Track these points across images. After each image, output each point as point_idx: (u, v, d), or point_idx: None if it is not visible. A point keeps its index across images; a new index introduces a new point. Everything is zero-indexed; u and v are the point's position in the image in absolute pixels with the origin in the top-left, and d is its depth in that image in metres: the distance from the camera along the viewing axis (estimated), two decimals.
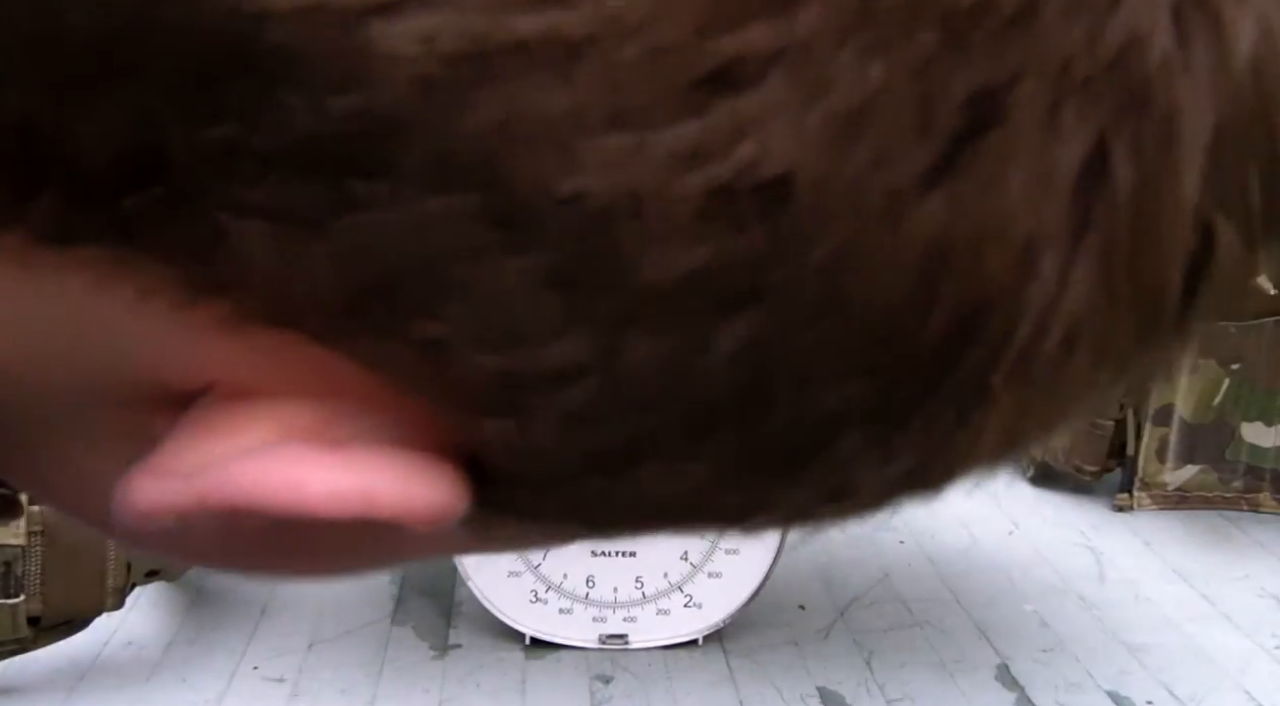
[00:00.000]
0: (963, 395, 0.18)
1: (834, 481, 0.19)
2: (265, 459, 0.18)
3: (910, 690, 1.19)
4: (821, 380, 0.17)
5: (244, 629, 1.24)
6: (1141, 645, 1.29)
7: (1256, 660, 1.29)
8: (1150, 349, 0.19)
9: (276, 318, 0.17)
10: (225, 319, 0.17)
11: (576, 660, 1.21)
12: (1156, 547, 1.54)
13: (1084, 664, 1.26)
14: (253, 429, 0.18)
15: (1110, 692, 1.21)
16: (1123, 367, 0.19)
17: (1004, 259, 0.16)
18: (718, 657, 1.22)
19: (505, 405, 0.18)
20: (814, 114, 0.15)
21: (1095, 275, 0.17)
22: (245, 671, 1.18)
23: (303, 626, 1.25)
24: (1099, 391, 0.19)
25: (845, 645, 1.26)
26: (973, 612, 1.34)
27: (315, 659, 1.20)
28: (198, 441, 0.18)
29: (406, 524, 0.18)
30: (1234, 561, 1.51)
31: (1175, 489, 1.63)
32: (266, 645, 1.22)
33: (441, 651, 1.22)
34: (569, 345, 0.16)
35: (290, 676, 1.17)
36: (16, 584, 1.19)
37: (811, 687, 1.18)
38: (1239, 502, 1.64)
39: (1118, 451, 1.63)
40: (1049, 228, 0.16)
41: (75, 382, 0.19)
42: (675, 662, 1.21)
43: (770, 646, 1.25)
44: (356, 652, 1.21)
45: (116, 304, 0.17)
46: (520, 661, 1.20)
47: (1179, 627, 1.34)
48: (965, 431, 0.18)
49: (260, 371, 0.18)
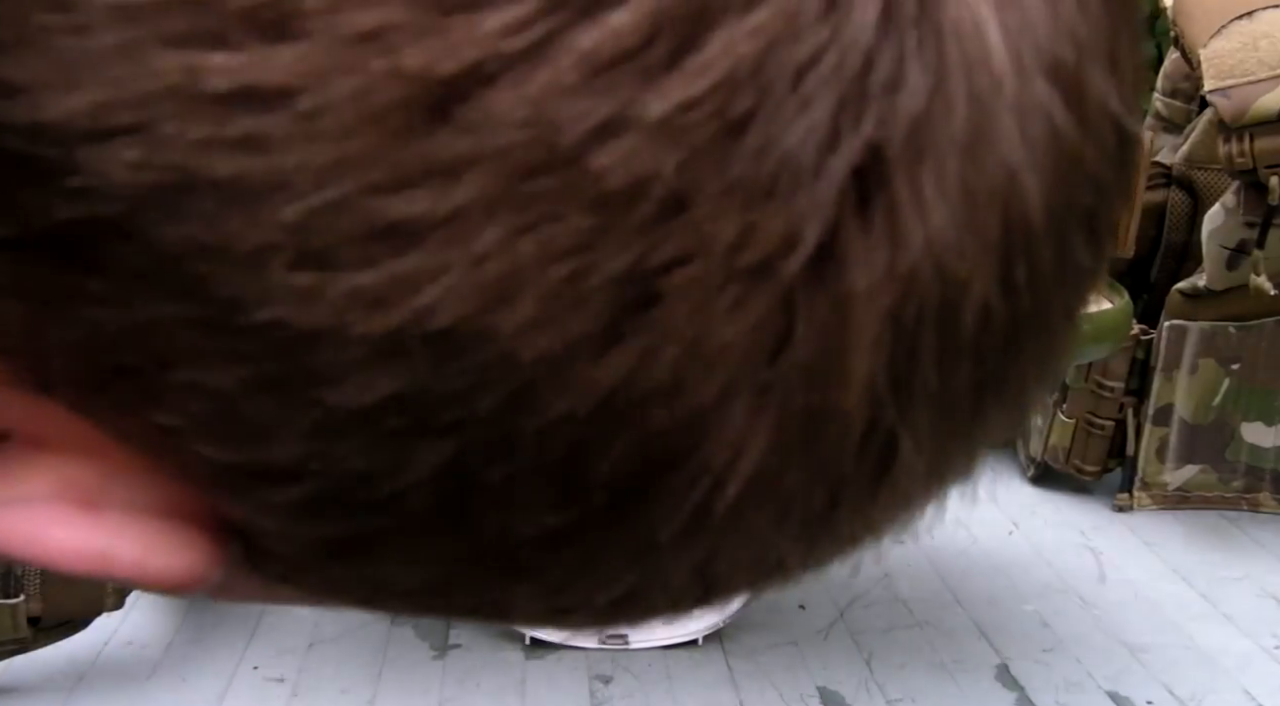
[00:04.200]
0: (646, 539, 0.19)
1: (550, 602, 0.21)
2: (21, 510, 0.20)
3: (910, 690, 1.19)
4: (518, 510, 0.18)
5: (244, 629, 1.24)
6: (1141, 645, 1.29)
7: (1256, 660, 1.29)
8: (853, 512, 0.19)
9: (38, 386, 0.19)
10: (4, 377, 0.19)
11: (576, 660, 1.21)
12: (1156, 547, 1.54)
13: (1084, 664, 1.26)
14: (33, 479, 0.20)
15: (1110, 692, 1.21)
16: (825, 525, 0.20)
17: (674, 420, 0.17)
18: (718, 657, 1.22)
19: (237, 492, 0.19)
20: (471, 276, 0.16)
21: (770, 442, 0.17)
22: (245, 671, 1.18)
23: (303, 626, 1.25)
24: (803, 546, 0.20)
25: (845, 645, 1.26)
26: (973, 612, 1.34)
27: (315, 659, 1.20)
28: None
29: (145, 585, 0.20)
30: (1234, 561, 1.51)
31: (1175, 489, 1.63)
32: (266, 645, 1.22)
33: (441, 651, 1.22)
34: (284, 448, 0.18)
35: (290, 676, 1.17)
36: (16, 584, 1.19)
37: (811, 687, 1.18)
38: (1239, 502, 1.64)
39: (1118, 451, 1.63)
40: (718, 396, 0.17)
41: None
42: (675, 662, 1.21)
43: (770, 646, 1.24)
44: (356, 652, 1.21)
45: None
46: (520, 661, 1.20)
47: (1179, 627, 1.34)
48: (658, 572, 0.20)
49: (46, 428, 0.20)
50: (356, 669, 1.18)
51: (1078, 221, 0.18)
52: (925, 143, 0.16)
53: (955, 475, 0.20)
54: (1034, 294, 0.17)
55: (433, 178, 0.16)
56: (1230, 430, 1.62)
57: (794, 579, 0.21)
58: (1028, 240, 0.17)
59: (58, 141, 0.16)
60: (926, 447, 0.18)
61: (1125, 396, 1.61)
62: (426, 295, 0.16)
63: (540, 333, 0.16)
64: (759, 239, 0.16)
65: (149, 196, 0.16)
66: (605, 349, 0.16)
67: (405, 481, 0.18)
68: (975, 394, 0.18)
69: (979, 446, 0.20)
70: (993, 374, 0.18)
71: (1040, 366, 0.19)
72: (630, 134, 0.15)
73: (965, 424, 0.19)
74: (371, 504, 0.18)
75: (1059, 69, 0.16)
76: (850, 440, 0.18)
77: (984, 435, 0.20)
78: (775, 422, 0.17)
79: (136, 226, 0.16)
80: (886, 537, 0.21)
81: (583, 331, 0.16)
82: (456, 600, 0.21)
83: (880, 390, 0.17)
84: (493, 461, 0.18)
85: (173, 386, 0.18)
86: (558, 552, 0.19)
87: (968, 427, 0.19)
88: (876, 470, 0.18)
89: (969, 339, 0.17)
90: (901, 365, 0.17)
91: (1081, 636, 1.31)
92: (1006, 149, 0.16)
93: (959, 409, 0.18)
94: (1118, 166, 0.18)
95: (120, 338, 0.17)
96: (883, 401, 0.17)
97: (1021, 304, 0.17)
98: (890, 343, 0.17)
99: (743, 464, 0.18)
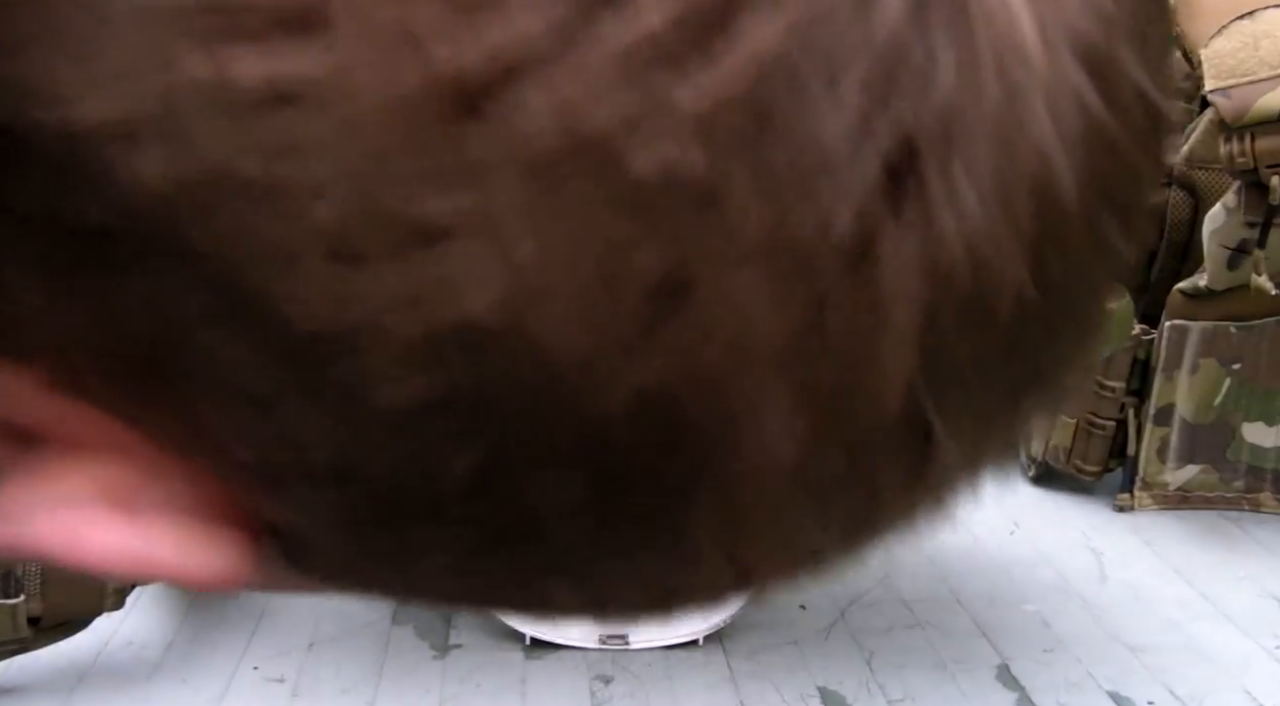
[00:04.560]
0: (680, 534, 0.19)
1: (586, 595, 0.21)
2: (59, 514, 0.20)
3: (911, 690, 1.19)
4: (555, 506, 0.18)
5: (244, 629, 1.24)
6: (1142, 645, 1.29)
7: (1257, 660, 1.29)
8: (890, 508, 0.20)
9: (74, 389, 0.19)
10: (39, 382, 0.19)
11: (576, 660, 1.21)
12: (1157, 547, 1.54)
13: (1085, 664, 1.26)
14: (70, 481, 0.20)
15: (1111, 692, 1.21)
16: (862, 524, 0.20)
17: (707, 418, 0.17)
18: (718, 657, 1.22)
19: (273, 493, 0.19)
20: (505, 276, 0.16)
21: (806, 436, 0.17)
22: (245, 671, 1.18)
23: (303, 626, 1.25)
24: (840, 541, 0.20)
25: (846, 645, 1.26)
26: (973, 612, 1.34)
27: (315, 659, 1.20)
28: (23, 485, 0.20)
29: (185, 584, 0.20)
30: (1235, 561, 1.51)
31: (1176, 489, 1.63)
32: (266, 645, 1.22)
33: (442, 651, 1.22)
34: (320, 450, 0.18)
35: (290, 676, 1.17)
36: (16, 584, 1.19)
37: (812, 687, 1.18)
38: (1240, 502, 1.64)
39: (1119, 451, 1.63)
40: (752, 392, 0.17)
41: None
42: (675, 662, 1.21)
43: (771, 646, 1.24)
44: (356, 652, 1.21)
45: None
46: (520, 661, 1.20)
47: (1180, 627, 1.34)
48: (696, 571, 0.20)
49: (82, 430, 0.20)
50: (356, 669, 1.18)
51: (1111, 205, 0.17)
52: (956, 130, 0.16)
53: (991, 462, 0.20)
54: (1068, 279, 0.17)
55: (464, 175, 0.16)
56: (1231, 430, 1.62)
57: (830, 568, 0.21)
58: (1061, 225, 0.17)
59: (87, 143, 0.16)
60: (962, 437, 0.18)
61: (1126, 396, 1.61)
62: (461, 294, 0.16)
63: (575, 331, 0.16)
64: (792, 231, 0.16)
65: (180, 197, 0.16)
66: (641, 345, 0.16)
67: (443, 482, 0.18)
68: (1010, 381, 0.18)
69: (1015, 433, 0.20)
70: (1027, 360, 0.18)
71: (1074, 351, 0.19)
72: (661, 127, 0.15)
73: (1001, 411, 0.19)
74: (409, 505, 0.18)
75: (1089, 50, 0.16)
76: (887, 432, 0.18)
77: (1019, 421, 0.20)
78: (811, 416, 0.17)
79: (169, 227, 0.16)
80: (923, 525, 0.21)
81: (618, 328, 0.16)
82: (494, 594, 0.21)
83: (916, 381, 0.17)
84: (529, 460, 0.18)
85: (208, 388, 0.17)
86: (595, 548, 0.19)
87: (1003, 415, 0.19)
88: (913, 461, 0.18)
89: (1004, 326, 0.17)
90: (937, 355, 0.17)
91: (1082, 636, 1.31)
92: (1038, 134, 0.16)
93: (994, 397, 0.18)
94: (1150, 148, 0.18)
95: (155, 339, 0.17)
96: (919, 392, 0.17)
97: (1055, 290, 0.17)
98: (925, 333, 0.17)
99: (779, 458, 0.17)
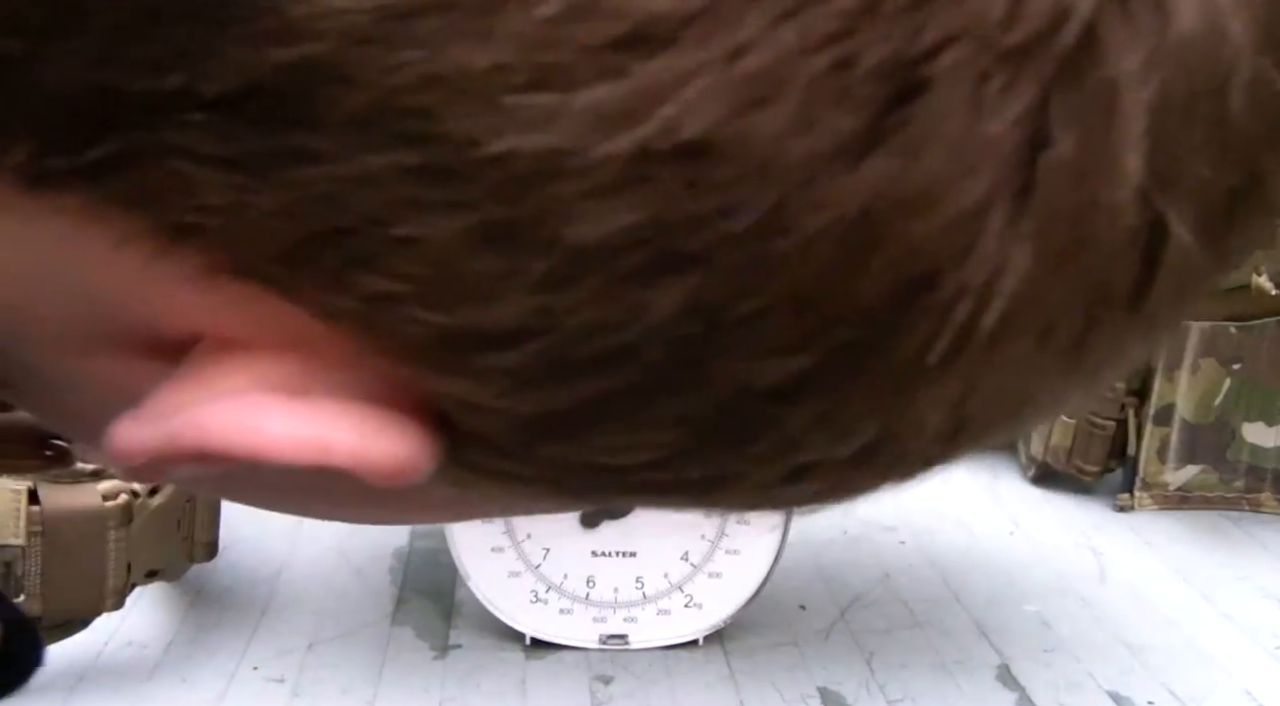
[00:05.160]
0: (900, 372, 0.17)
1: (788, 460, 0.19)
2: (229, 403, 0.19)
3: (911, 690, 1.19)
4: (761, 351, 0.17)
5: (244, 629, 1.24)
6: (1143, 645, 1.29)
7: (1257, 660, 1.29)
8: (1107, 335, 0.18)
9: (240, 269, 0.18)
10: (199, 270, 0.18)
11: (577, 660, 1.21)
12: (1158, 547, 1.54)
13: (1085, 664, 1.26)
14: (229, 378, 0.19)
15: (1111, 693, 1.21)
16: (1077, 353, 0.18)
17: (934, 232, 0.16)
18: (718, 657, 1.22)
19: (454, 364, 0.18)
20: (727, 76, 0.15)
21: (1035, 252, 0.16)
22: (245, 671, 1.18)
23: (303, 626, 1.25)
24: (1056, 379, 0.19)
25: (846, 645, 1.26)
26: (973, 613, 1.34)
27: (315, 659, 1.20)
28: (178, 388, 0.19)
29: (363, 475, 0.19)
30: (1235, 561, 1.51)
31: (1176, 489, 1.63)
32: (266, 645, 1.22)
33: (442, 651, 1.22)
34: (509, 306, 0.17)
35: (290, 676, 1.17)
36: (16, 584, 1.19)
37: (812, 687, 1.18)
38: (1240, 503, 1.64)
39: (1119, 451, 1.63)
40: (981, 201, 0.16)
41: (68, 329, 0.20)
42: (675, 663, 1.21)
43: (771, 646, 1.24)
44: (356, 652, 1.21)
45: (94, 252, 0.18)
46: (520, 661, 1.20)
47: (1180, 627, 1.34)
48: (909, 411, 0.18)
49: (238, 324, 0.19)
50: (356, 669, 1.17)
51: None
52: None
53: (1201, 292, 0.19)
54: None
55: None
56: (1231, 430, 1.62)
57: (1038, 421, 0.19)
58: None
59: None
60: (1191, 249, 0.17)
61: (1126, 396, 1.60)
62: (676, 103, 0.15)
63: (801, 134, 0.15)
64: (1028, 15, 0.15)
65: (367, 28, 0.15)
66: (868, 149, 0.15)
67: (639, 329, 0.17)
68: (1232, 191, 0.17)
69: (1230, 257, 0.19)
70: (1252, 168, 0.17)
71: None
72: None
73: (1222, 227, 0.18)
74: (600, 361, 0.17)
75: None
76: (1118, 244, 0.16)
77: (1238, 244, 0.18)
78: (1039, 229, 0.16)
79: (353, 65, 0.15)
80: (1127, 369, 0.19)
81: (846, 130, 0.15)
82: (683, 473, 0.20)
83: (1149, 184, 0.16)
84: (737, 295, 0.16)
85: (389, 246, 0.16)
86: (801, 399, 0.18)
87: (1224, 231, 0.18)
88: (1141, 276, 0.17)
89: (1235, 124, 0.16)
90: (1170, 156, 0.16)
91: (1082, 636, 1.31)
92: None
93: (1219, 208, 0.17)
94: None
95: (334, 198, 0.16)
96: (1152, 197, 0.16)
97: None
98: (1158, 131, 0.16)
99: (1006, 279, 0.16)
